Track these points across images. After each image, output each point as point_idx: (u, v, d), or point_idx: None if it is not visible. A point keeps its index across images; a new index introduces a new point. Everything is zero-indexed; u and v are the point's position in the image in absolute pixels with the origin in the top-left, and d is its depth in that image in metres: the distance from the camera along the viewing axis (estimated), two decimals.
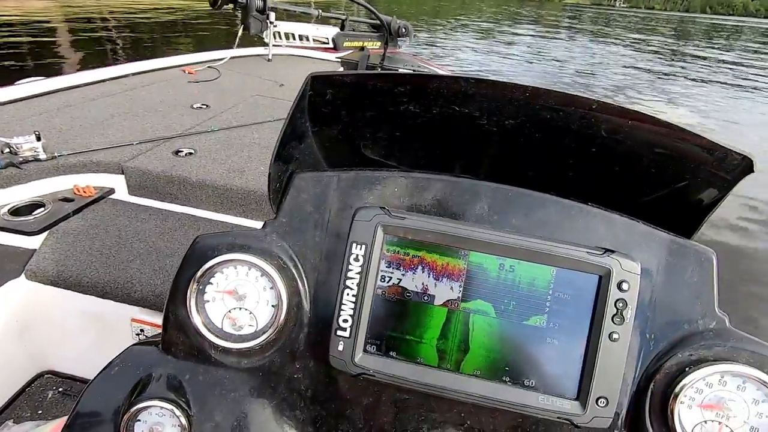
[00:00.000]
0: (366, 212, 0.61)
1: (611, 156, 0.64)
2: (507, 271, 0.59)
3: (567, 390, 0.58)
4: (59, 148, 1.70)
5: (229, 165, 1.77)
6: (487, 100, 0.61)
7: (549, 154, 0.69)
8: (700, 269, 0.59)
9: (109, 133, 1.93)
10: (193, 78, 2.93)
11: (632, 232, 0.60)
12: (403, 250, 0.61)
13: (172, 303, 0.63)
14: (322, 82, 0.63)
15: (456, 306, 0.60)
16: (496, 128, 0.65)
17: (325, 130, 0.71)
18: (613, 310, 0.56)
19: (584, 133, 0.61)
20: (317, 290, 0.63)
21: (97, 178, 1.72)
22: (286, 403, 0.64)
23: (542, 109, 0.60)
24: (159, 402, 0.60)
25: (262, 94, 2.76)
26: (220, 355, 0.64)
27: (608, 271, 0.57)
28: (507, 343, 0.59)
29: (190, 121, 2.18)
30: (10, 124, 1.90)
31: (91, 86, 2.51)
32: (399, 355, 0.60)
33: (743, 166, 0.56)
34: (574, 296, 0.58)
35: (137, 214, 1.62)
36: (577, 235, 0.60)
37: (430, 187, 0.63)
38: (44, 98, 2.24)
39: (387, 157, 0.76)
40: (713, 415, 0.56)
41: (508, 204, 0.61)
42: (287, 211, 0.65)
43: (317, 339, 0.63)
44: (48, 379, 1.52)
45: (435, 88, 0.61)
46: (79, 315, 1.41)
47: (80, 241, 1.45)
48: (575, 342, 0.58)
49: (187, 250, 0.63)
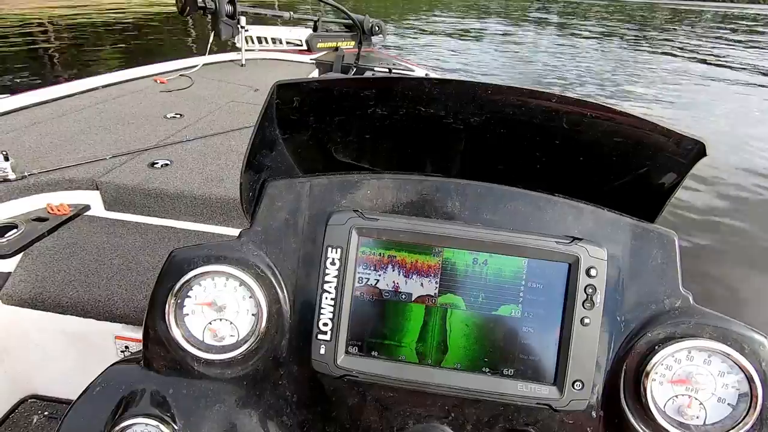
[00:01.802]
0: (339, 216, 0.62)
1: (574, 147, 0.67)
2: (480, 265, 0.61)
3: (544, 376, 0.59)
4: (29, 167, 1.66)
5: (206, 174, 1.75)
6: (451, 99, 0.63)
7: (515, 149, 0.70)
8: (664, 251, 0.62)
9: (81, 148, 1.89)
10: (165, 87, 2.88)
11: (598, 220, 0.62)
12: (379, 251, 0.62)
13: (151, 318, 0.63)
14: (287, 90, 0.63)
15: (433, 302, 0.61)
16: (462, 126, 0.67)
17: (295, 136, 0.72)
18: (583, 296, 0.58)
19: (547, 126, 0.63)
20: (296, 296, 0.64)
21: (71, 195, 1.69)
22: (272, 410, 0.65)
23: (505, 105, 0.62)
24: (143, 419, 0.60)
25: (236, 100, 2.74)
26: (203, 368, 0.64)
27: (576, 258, 0.59)
28: (484, 334, 0.60)
29: (165, 131, 2.15)
30: None
31: (60, 101, 2.45)
32: (380, 355, 0.61)
33: (696, 150, 0.59)
34: (546, 285, 0.60)
35: (115, 230, 1.59)
36: (546, 225, 0.62)
37: (402, 188, 0.64)
38: (11, 116, 2.18)
39: (359, 160, 0.77)
40: (683, 389, 0.58)
41: (478, 199, 0.63)
42: (262, 219, 0.65)
43: (299, 344, 0.63)
44: (32, 404, 1.49)
45: (400, 91, 0.62)
46: (61, 336, 1.38)
47: (57, 261, 1.42)
48: (549, 329, 0.60)
49: (163, 264, 0.63)
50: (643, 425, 0.59)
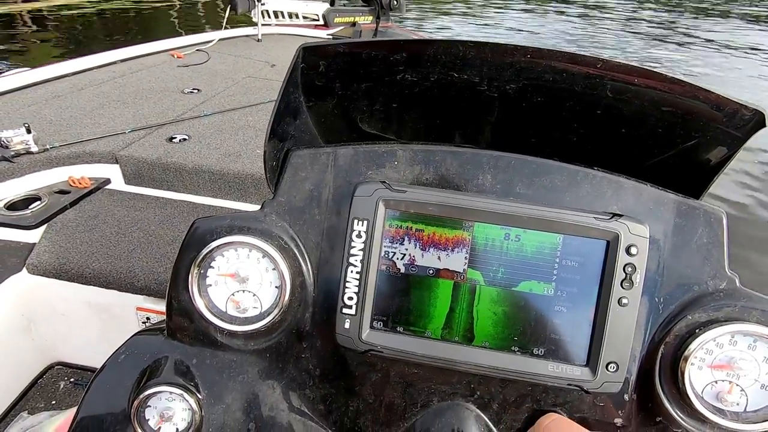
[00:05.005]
0: (366, 187, 0.59)
1: (616, 117, 0.62)
2: (512, 241, 0.58)
3: (576, 357, 0.57)
4: (51, 139, 1.67)
5: (224, 149, 1.74)
6: (487, 64, 0.59)
7: (552, 119, 0.66)
8: (710, 230, 0.58)
9: (101, 122, 1.89)
10: (182, 62, 2.86)
11: (640, 196, 0.58)
12: (406, 224, 0.59)
13: (174, 289, 0.62)
14: (314, 54, 0.60)
15: (462, 278, 0.59)
16: (496, 94, 0.63)
17: (320, 104, 0.69)
18: (621, 275, 0.55)
19: (589, 95, 0.59)
20: (320, 269, 0.62)
21: (91, 168, 1.70)
22: (295, 383, 0.64)
23: (545, 71, 0.58)
24: (168, 387, 0.60)
25: (253, 75, 2.70)
26: (226, 339, 0.63)
27: (616, 235, 0.55)
28: (514, 313, 0.58)
29: (182, 106, 2.14)
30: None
31: (79, 75, 2.45)
32: (406, 330, 0.60)
33: (755, 120, 0.54)
34: (582, 263, 0.57)
35: (135, 203, 1.60)
36: (584, 200, 0.59)
37: (431, 159, 0.61)
38: (31, 89, 2.19)
39: (385, 130, 0.74)
40: (724, 374, 0.55)
41: (511, 172, 0.60)
42: (285, 190, 0.63)
43: (323, 318, 0.62)
44: (59, 370, 1.54)
45: (432, 54, 0.59)
46: (84, 306, 1.41)
47: (79, 233, 1.44)
48: (584, 309, 0.57)
49: (186, 234, 0.62)
50: (678, 410, 0.57)
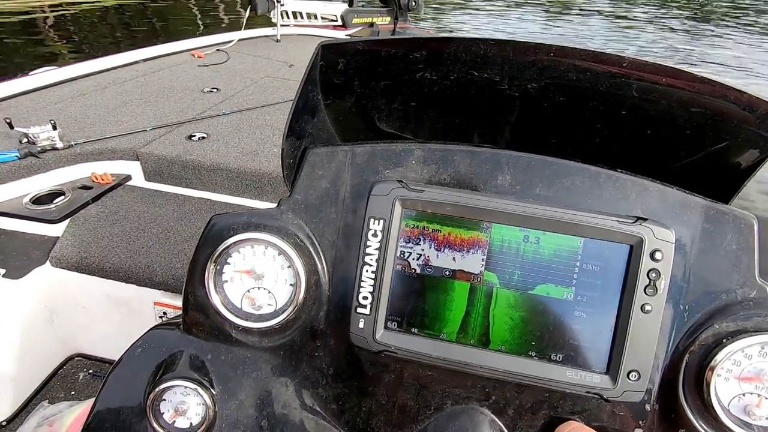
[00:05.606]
0: (383, 186, 0.59)
1: (642, 118, 0.61)
2: (531, 243, 0.57)
3: (596, 364, 0.56)
4: (75, 136, 1.72)
5: (242, 148, 1.76)
6: (508, 62, 0.58)
7: (573, 119, 0.65)
8: (740, 236, 0.56)
9: (123, 120, 1.94)
10: (203, 62, 2.91)
11: (665, 199, 0.57)
12: (423, 224, 0.59)
13: (191, 284, 0.63)
14: (333, 51, 0.60)
15: (478, 280, 0.58)
16: (517, 93, 0.62)
17: (338, 102, 0.69)
18: (645, 281, 0.54)
19: (613, 95, 0.58)
20: (336, 267, 0.62)
21: (113, 165, 1.74)
22: (308, 381, 0.64)
23: (568, 70, 0.56)
24: (183, 381, 0.60)
25: (272, 75, 2.73)
26: (241, 335, 0.63)
27: (640, 240, 0.54)
28: (532, 317, 0.57)
29: (202, 105, 2.17)
30: (26, 114, 1.92)
31: (103, 74, 2.51)
32: (421, 332, 0.59)
33: None
34: (604, 267, 0.55)
35: (154, 200, 1.63)
36: (606, 203, 0.57)
37: (449, 159, 0.60)
38: (58, 87, 2.26)
39: (402, 130, 0.73)
40: (752, 387, 0.53)
41: (530, 173, 0.59)
42: (302, 187, 0.63)
43: (337, 317, 0.62)
44: (78, 362, 1.58)
45: (452, 52, 0.58)
46: (104, 299, 1.44)
47: (101, 228, 1.47)
48: (605, 314, 0.55)
49: (203, 230, 0.63)
50: (702, 422, 0.55)
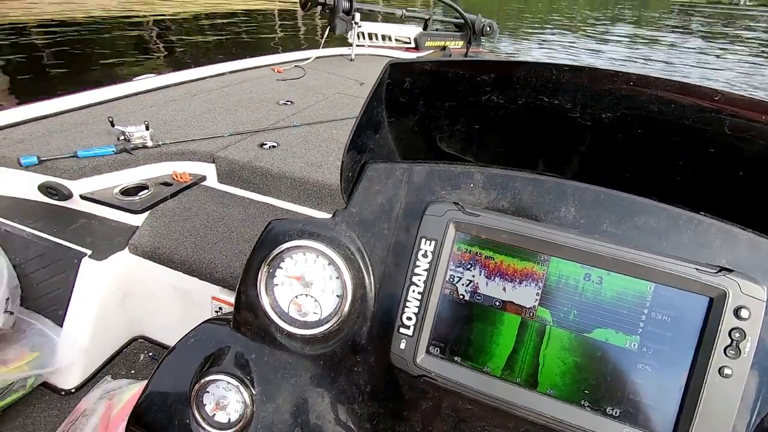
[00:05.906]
0: (438, 207, 0.58)
1: (735, 158, 0.54)
2: (593, 282, 0.53)
3: (660, 426, 0.50)
4: (163, 137, 1.90)
5: (307, 159, 1.83)
6: (582, 90, 0.55)
7: (652, 154, 0.60)
8: None
9: (206, 125, 2.10)
10: (281, 76, 3.10)
11: (757, 250, 0.50)
12: (476, 249, 0.57)
13: (244, 283, 0.65)
14: (401, 70, 0.61)
15: (531, 315, 0.54)
16: (590, 122, 0.58)
17: (401, 120, 0.69)
18: (726, 341, 0.47)
19: (701, 130, 0.53)
20: (383, 284, 0.61)
21: (192, 165, 1.89)
22: (344, 396, 0.63)
23: (649, 101, 0.52)
24: (227, 377, 0.62)
25: (342, 92, 2.84)
26: (285, 339, 0.65)
27: (723, 293, 0.48)
28: (588, 363, 0.52)
29: (276, 116, 2.30)
30: (125, 114, 2.15)
31: (194, 83, 2.76)
32: (464, 361, 0.56)
33: None
34: (676, 318, 0.50)
35: (224, 201, 1.74)
36: (684, 248, 0.51)
37: (509, 185, 0.58)
38: (154, 93, 2.51)
39: (464, 152, 0.72)
40: None
41: (598, 207, 0.55)
42: (357, 201, 0.64)
43: (380, 334, 0.61)
44: (141, 343, 1.70)
45: (522, 77, 0.56)
46: (170, 288, 1.55)
47: (175, 222, 1.59)
48: (674, 372, 0.50)
49: (261, 233, 0.65)
50: None
